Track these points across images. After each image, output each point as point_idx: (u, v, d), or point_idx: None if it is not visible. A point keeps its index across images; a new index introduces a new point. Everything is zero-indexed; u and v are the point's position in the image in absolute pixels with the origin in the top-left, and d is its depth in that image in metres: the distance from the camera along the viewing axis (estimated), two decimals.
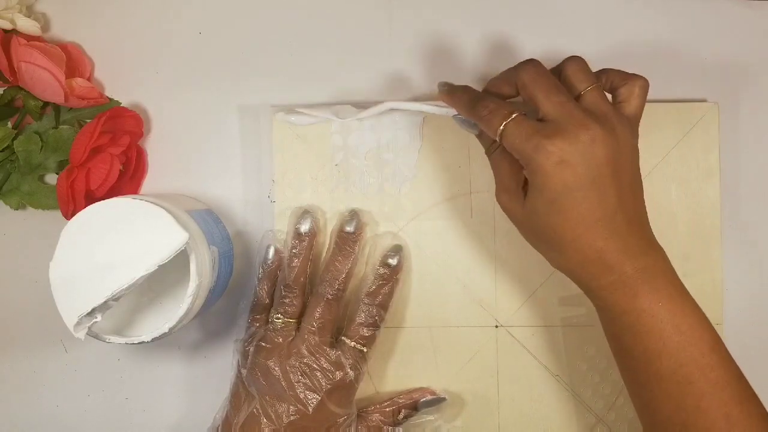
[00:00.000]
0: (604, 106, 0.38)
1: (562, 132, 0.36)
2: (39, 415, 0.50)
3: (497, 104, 0.39)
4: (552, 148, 0.36)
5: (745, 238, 0.50)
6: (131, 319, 0.43)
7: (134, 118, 0.48)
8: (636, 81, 0.40)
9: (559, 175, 0.36)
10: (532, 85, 0.38)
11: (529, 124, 0.37)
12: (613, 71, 0.41)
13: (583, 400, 0.49)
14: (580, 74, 0.39)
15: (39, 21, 0.48)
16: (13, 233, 0.50)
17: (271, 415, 0.43)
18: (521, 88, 0.39)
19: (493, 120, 0.38)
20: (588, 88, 0.39)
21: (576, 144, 0.36)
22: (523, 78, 0.39)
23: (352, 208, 0.48)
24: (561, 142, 0.36)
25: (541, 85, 0.38)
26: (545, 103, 0.38)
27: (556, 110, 0.37)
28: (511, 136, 0.38)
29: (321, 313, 0.44)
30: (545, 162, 0.36)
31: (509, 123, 0.38)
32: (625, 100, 0.40)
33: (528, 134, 0.37)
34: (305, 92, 0.50)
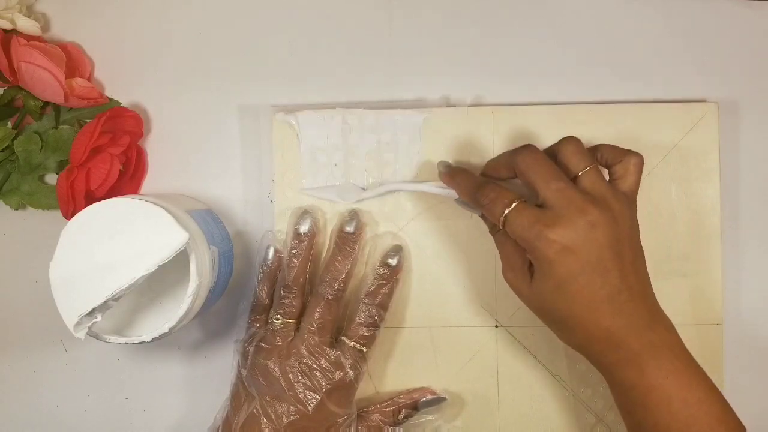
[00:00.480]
0: (602, 188, 0.39)
1: (563, 220, 0.37)
2: (39, 415, 0.50)
3: (497, 192, 0.40)
4: (554, 237, 0.37)
5: (745, 238, 0.50)
6: (131, 319, 0.43)
7: (134, 118, 0.48)
8: (630, 158, 0.41)
9: (563, 262, 0.37)
10: (529, 172, 0.39)
11: (530, 213, 0.38)
12: (607, 147, 0.42)
13: (583, 400, 0.49)
14: (577, 156, 0.40)
15: (39, 21, 0.48)
16: (13, 233, 0.50)
17: (271, 416, 0.43)
18: (519, 174, 0.40)
19: (494, 209, 0.40)
20: (585, 169, 0.40)
21: (577, 230, 0.37)
22: (520, 165, 0.40)
23: (352, 209, 0.48)
24: (562, 230, 0.37)
25: (538, 172, 0.39)
26: (544, 190, 0.39)
27: (555, 197, 0.38)
28: (513, 224, 0.39)
29: (321, 313, 0.44)
30: (548, 250, 0.37)
31: (510, 212, 0.39)
32: (621, 177, 0.41)
33: (530, 223, 0.38)
34: (305, 92, 0.50)
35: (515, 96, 0.49)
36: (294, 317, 0.45)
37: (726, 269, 0.49)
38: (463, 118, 0.48)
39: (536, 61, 0.50)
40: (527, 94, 0.49)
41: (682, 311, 0.48)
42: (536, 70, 0.50)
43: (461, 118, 0.48)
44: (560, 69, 0.50)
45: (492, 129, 0.48)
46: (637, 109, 0.48)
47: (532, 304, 0.41)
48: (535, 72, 0.50)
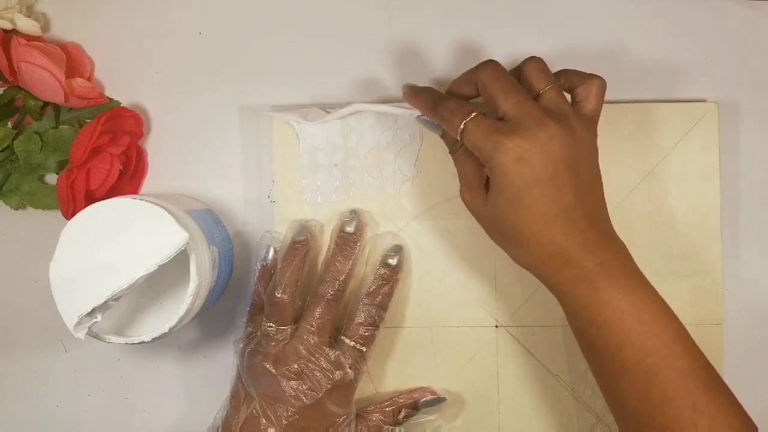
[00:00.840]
0: (563, 105, 0.39)
1: (520, 130, 0.37)
2: (39, 415, 0.50)
3: (457, 104, 0.40)
4: (510, 145, 0.37)
5: (745, 238, 0.50)
6: (131, 319, 0.43)
7: (134, 118, 0.48)
8: (593, 81, 0.41)
9: (518, 172, 0.37)
10: (491, 85, 0.39)
11: (488, 123, 0.38)
12: (572, 71, 0.42)
13: (583, 400, 0.49)
14: (539, 74, 0.40)
15: (39, 21, 0.48)
16: (13, 233, 0.50)
17: (270, 416, 0.43)
18: (481, 89, 0.40)
19: (453, 119, 0.39)
20: (546, 87, 0.40)
21: (534, 141, 0.37)
22: (482, 78, 0.40)
23: (352, 209, 0.48)
24: (519, 139, 0.37)
25: (500, 85, 0.39)
26: (504, 102, 0.38)
27: (514, 109, 0.38)
28: (471, 134, 0.38)
29: (321, 314, 0.44)
30: (504, 159, 0.37)
31: (469, 122, 0.38)
32: (584, 100, 0.41)
33: (487, 132, 0.38)
34: (305, 92, 0.50)
35: None
36: (287, 324, 0.45)
37: (726, 269, 0.49)
38: None
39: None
40: None
41: (682, 311, 0.48)
42: None
43: None
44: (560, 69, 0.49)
45: None
46: (637, 109, 0.48)
47: (487, 222, 0.41)
48: None
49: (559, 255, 0.38)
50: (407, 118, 0.48)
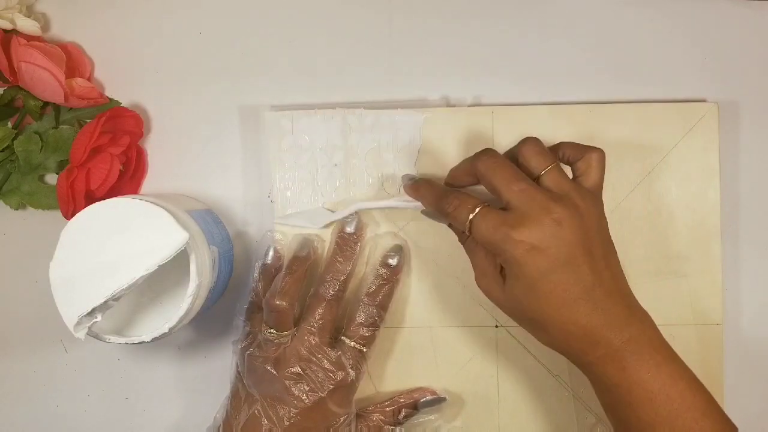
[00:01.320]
0: (565, 185, 0.39)
1: (527, 220, 0.37)
2: (39, 415, 0.50)
3: (460, 199, 0.40)
4: (520, 237, 0.37)
5: (745, 238, 0.50)
6: (131, 319, 0.43)
7: (134, 118, 0.48)
8: (592, 153, 0.41)
9: (532, 262, 0.37)
10: (490, 175, 0.39)
11: (494, 216, 0.38)
12: (568, 144, 0.42)
13: (583, 400, 0.49)
14: (537, 156, 0.40)
15: (39, 21, 0.47)
16: (13, 233, 0.50)
17: (272, 417, 0.43)
18: (481, 179, 0.40)
19: (459, 215, 0.39)
20: (546, 169, 0.39)
21: (543, 229, 0.37)
22: (480, 169, 0.40)
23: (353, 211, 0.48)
24: (527, 230, 0.37)
25: (499, 175, 0.39)
26: (506, 192, 0.38)
27: (517, 198, 0.38)
28: (478, 229, 0.38)
29: (321, 314, 0.44)
30: (515, 251, 0.37)
31: (475, 217, 0.39)
32: (584, 174, 0.41)
33: (494, 226, 0.38)
34: (305, 92, 0.50)
35: (515, 96, 0.49)
36: (288, 329, 0.44)
37: (726, 269, 0.49)
38: (463, 118, 0.48)
39: (536, 61, 0.50)
40: (527, 94, 0.49)
41: (682, 311, 0.48)
42: (536, 70, 0.50)
43: (461, 118, 0.48)
44: (560, 69, 0.50)
45: (492, 129, 0.48)
46: (637, 109, 0.48)
47: (507, 308, 0.41)
48: (535, 72, 0.50)
49: (584, 337, 0.38)
50: (410, 119, 0.48)
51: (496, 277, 0.41)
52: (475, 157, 0.41)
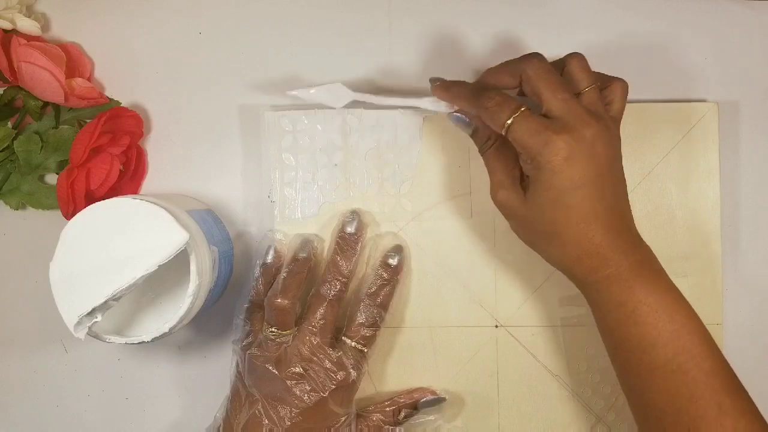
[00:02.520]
0: (600, 106, 0.40)
1: (569, 129, 0.37)
2: (39, 415, 0.50)
3: (503, 97, 0.39)
4: (561, 144, 0.37)
5: (745, 239, 0.50)
6: (131, 319, 0.43)
7: (134, 118, 0.48)
8: (618, 83, 0.42)
9: (566, 172, 0.37)
10: (537, 80, 0.39)
11: (538, 120, 0.38)
12: (597, 73, 0.42)
13: (583, 400, 0.49)
14: (583, 73, 0.40)
15: (39, 21, 0.47)
16: (13, 233, 0.50)
17: (273, 417, 0.43)
18: (525, 82, 0.40)
19: (499, 113, 0.39)
20: (589, 87, 0.40)
21: (581, 141, 0.37)
22: (528, 72, 0.40)
23: (353, 209, 0.48)
24: (569, 138, 0.37)
25: (546, 81, 0.39)
26: (551, 100, 0.38)
27: (561, 107, 0.38)
28: (519, 130, 0.38)
29: (323, 314, 0.44)
30: (553, 158, 0.37)
31: (517, 117, 0.38)
32: (611, 102, 0.42)
33: (537, 129, 0.38)
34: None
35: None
36: (289, 328, 0.44)
37: (726, 269, 0.49)
38: None
39: None
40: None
41: None
42: None
43: None
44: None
45: None
46: (637, 109, 0.48)
47: (523, 220, 0.41)
48: None
49: (597, 254, 0.39)
50: (410, 119, 0.48)
51: (515, 188, 0.41)
52: (522, 59, 0.41)
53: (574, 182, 0.38)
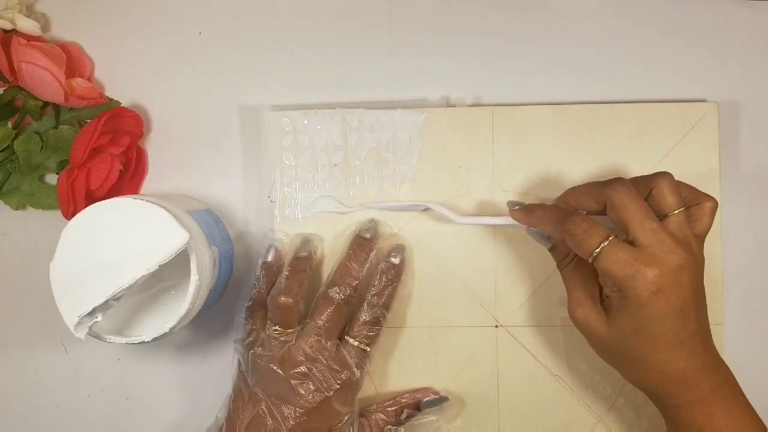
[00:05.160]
0: (687, 231, 0.39)
1: (658, 261, 0.37)
2: (39, 415, 0.50)
3: (591, 224, 0.39)
4: (651, 278, 0.37)
5: (745, 239, 0.50)
6: (131, 319, 0.43)
7: (134, 118, 0.48)
8: (708, 201, 0.41)
9: (655, 304, 0.37)
10: (623, 210, 0.39)
11: (627, 250, 0.38)
12: (686, 187, 0.42)
13: (583, 400, 0.49)
14: (672, 196, 0.40)
15: (39, 21, 0.47)
16: (13, 233, 0.50)
17: (277, 416, 0.43)
18: (610, 209, 0.39)
19: (588, 240, 0.39)
20: (676, 211, 0.39)
21: (669, 273, 0.37)
22: (614, 199, 0.39)
23: (371, 218, 0.48)
24: (658, 271, 0.37)
25: (634, 210, 0.39)
26: (638, 229, 0.38)
27: (649, 237, 0.38)
28: (608, 260, 0.38)
29: (330, 316, 0.44)
30: (642, 291, 0.37)
31: (606, 246, 0.38)
32: (697, 220, 0.41)
33: (627, 261, 0.38)
34: (305, 92, 0.50)
35: (515, 96, 0.49)
36: (292, 326, 0.45)
37: (726, 269, 0.49)
38: (463, 118, 0.48)
39: (536, 61, 0.50)
40: (527, 94, 0.49)
41: None
42: (536, 70, 0.50)
43: (461, 118, 0.48)
44: (560, 69, 0.50)
45: (492, 129, 0.48)
46: (637, 109, 0.48)
47: (605, 343, 0.40)
48: (535, 72, 0.50)
49: (679, 380, 0.39)
50: (410, 119, 0.48)
51: (596, 308, 0.41)
52: (606, 185, 0.40)
53: (660, 313, 0.38)
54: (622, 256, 0.38)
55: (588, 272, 0.42)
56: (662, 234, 0.38)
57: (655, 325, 0.38)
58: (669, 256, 0.38)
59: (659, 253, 0.37)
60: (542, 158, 0.48)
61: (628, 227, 0.38)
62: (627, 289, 0.38)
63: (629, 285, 0.38)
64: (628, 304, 0.38)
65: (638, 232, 0.38)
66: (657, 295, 0.37)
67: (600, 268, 0.38)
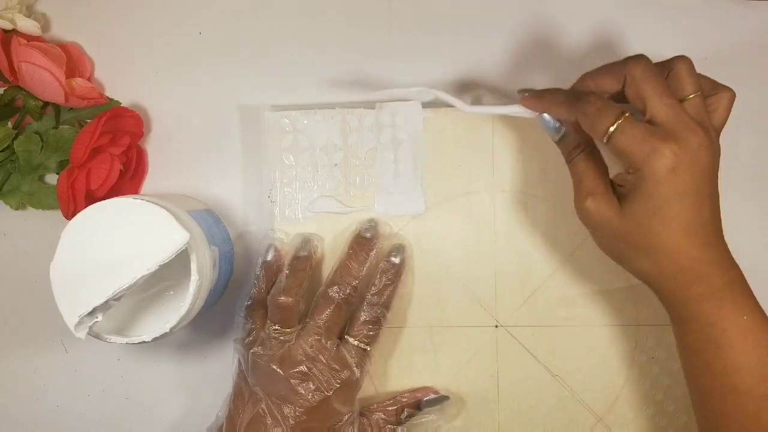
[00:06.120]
0: (705, 115, 0.38)
1: (676, 137, 0.36)
2: (39, 415, 0.50)
3: (605, 103, 0.37)
4: (668, 153, 0.36)
5: (745, 238, 0.50)
6: (131, 319, 0.43)
7: (134, 118, 0.48)
8: (726, 92, 0.40)
9: (671, 182, 0.36)
10: (643, 83, 0.37)
11: (643, 127, 0.36)
12: (704, 78, 0.41)
13: (583, 400, 0.49)
14: (690, 78, 0.39)
15: (39, 21, 0.47)
16: (13, 233, 0.50)
17: (277, 416, 0.43)
18: (629, 84, 0.38)
19: (602, 119, 0.37)
20: (694, 93, 0.38)
21: (687, 150, 0.36)
22: (634, 73, 0.38)
23: (371, 217, 0.48)
24: (676, 147, 0.36)
25: (653, 84, 0.37)
26: (657, 104, 0.37)
27: (667, 113, 0.37)
28: (623, 137, 0.36)
29: (329, 316, 0.44)
30: (659, 167, 0.36)
31: (621, 123, 0.36)
32: (715, 111, 0.40)
33: (642, 137, 0.36)
34: (306, 92, 0.50)
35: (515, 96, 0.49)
36: (292, 326, 0.45)
37: None
38: (463, 118, 0.48)
39: (536, 61, 0.50)
40: None
41: None
42: (536, 70, 0.50)
43: (461, 118, 0.48)
44: (560, 69, 0.50)
45: (492, 129, 0.48)
46: None
47: (616, 231, 0.39)
48: (534, 72, 0.50)
49: (691, 270, 0.38)
50: (410, 119, 0.48)
51: (606, 197, 0.39)
52: (627, 61, 0.38)
53: (677, 193, 0.36)
54: (638, 132, 0.36)
55: (598, 163, 0.40)
56: (680, 111, 0.37)
57: (671, 205, 0.36)
58: (688, 133, 0.36)
59: (677, 130, 0.36)
60: (542, 158, 0.48)
61: (647, 102, 0.37)
62: (644, 167, 0.36)
63: (646, 161, 0.36)
64: (644, 185, 0.37)
65: (657, 107, 0.37)
66: (674, 172, 0.36)
67: (615, 148, 0.37)
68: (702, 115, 0.38)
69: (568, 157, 0.42)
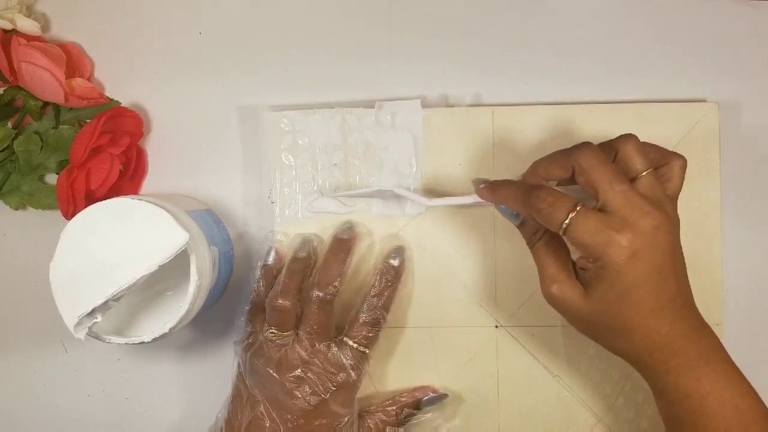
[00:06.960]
0: (659, 191, 0.38)
1: (630, 224, 0.36)
2: (39, 415, 0.50)
3: (556, 197, 0.38)
4: (624, 243, 0.36)
5: (745, 238, 0.50)
6: (131, 319, 0.43)
7: (134, 118, 0.48)
8: (676, 160, 0.40)
9: (631, 269, 0.36)
10: (592, 172, 0.38)
11: (596, 217, 0.37)
12: (653, 148, 0.41)
13: (583, 400, 0.49)
14: (638, 157, 0.39)
15: (39, 21, 0.47)
16: (13, 233, 0.50)
17: (275, 419, 0.43)
18: (579, 173, 0.38)
19: (555, 213, 0.37)
20: (645, 172, 0.38)
21: (644, 235, 0.36)
22: (581, 163, 0.38)
23: (348, 220, 0.48)
24: (631, 234, 0.36)
25: (601, 172, 0.37)
26: (608, 192, 0.37)
27: (620, 200, 0.37)
28: (578, 230, 0.37)
29: (317, 317, 0.44)
30: (618, 257, 0.36)
31: (574, 217, 0.37)
32: (668, 180, 0.40)
33: (597, 228, 0.36)
34: (305, 92, 0.50)
35: (515, 96, 0.49)
36: (289, 329, 0.44)
37: (726, 269, 0.49)
38: (463, 117, 0.48)
39: (536, 61, 0.50)
40: (527, 94, 0.49)
41: None
42: (536, 70, 0.50)
43: (461, 118, 0.48)
44: (560, 69, 0.50)
45: (492, 129, 0.48)
46: (637, 109, 0.48)
47: (586, 316, 0.39)
48: (535, 72, 0.50)
49: (665, 346, 0.38)
50: (410, 119, 0.48)
51: (571, 282, 0.39)
52: (572, 150, 0.39)
53: (639, 277, 0.36)
54: (592, 224, 0.36)
55: (560, 247, 0.40)
56: (633, 195, 0.37)
57: (635, 290, 0.37)
58: (642, 218, 0.36)
59: (631, 217, 0.36)
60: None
61: (598, 190, 0.37)
62: (602, 258, 0.37)
63: (604, 252, 0.36)
64: (606, 273, 0.37)
65: (608, 194, 0.37)
66: (633, 259, 0.36)
67: (572, 240, 0.37)
68: (655, 189, 0.38)
69: (529, 242, 0.42)
